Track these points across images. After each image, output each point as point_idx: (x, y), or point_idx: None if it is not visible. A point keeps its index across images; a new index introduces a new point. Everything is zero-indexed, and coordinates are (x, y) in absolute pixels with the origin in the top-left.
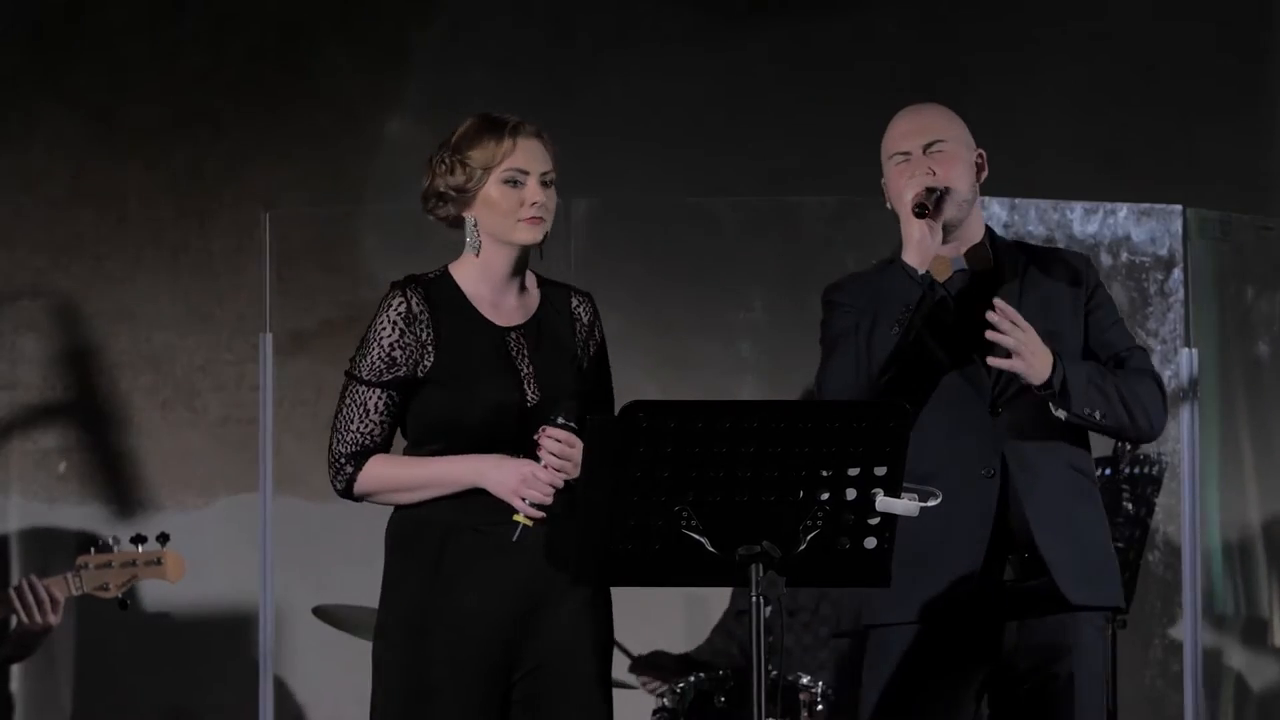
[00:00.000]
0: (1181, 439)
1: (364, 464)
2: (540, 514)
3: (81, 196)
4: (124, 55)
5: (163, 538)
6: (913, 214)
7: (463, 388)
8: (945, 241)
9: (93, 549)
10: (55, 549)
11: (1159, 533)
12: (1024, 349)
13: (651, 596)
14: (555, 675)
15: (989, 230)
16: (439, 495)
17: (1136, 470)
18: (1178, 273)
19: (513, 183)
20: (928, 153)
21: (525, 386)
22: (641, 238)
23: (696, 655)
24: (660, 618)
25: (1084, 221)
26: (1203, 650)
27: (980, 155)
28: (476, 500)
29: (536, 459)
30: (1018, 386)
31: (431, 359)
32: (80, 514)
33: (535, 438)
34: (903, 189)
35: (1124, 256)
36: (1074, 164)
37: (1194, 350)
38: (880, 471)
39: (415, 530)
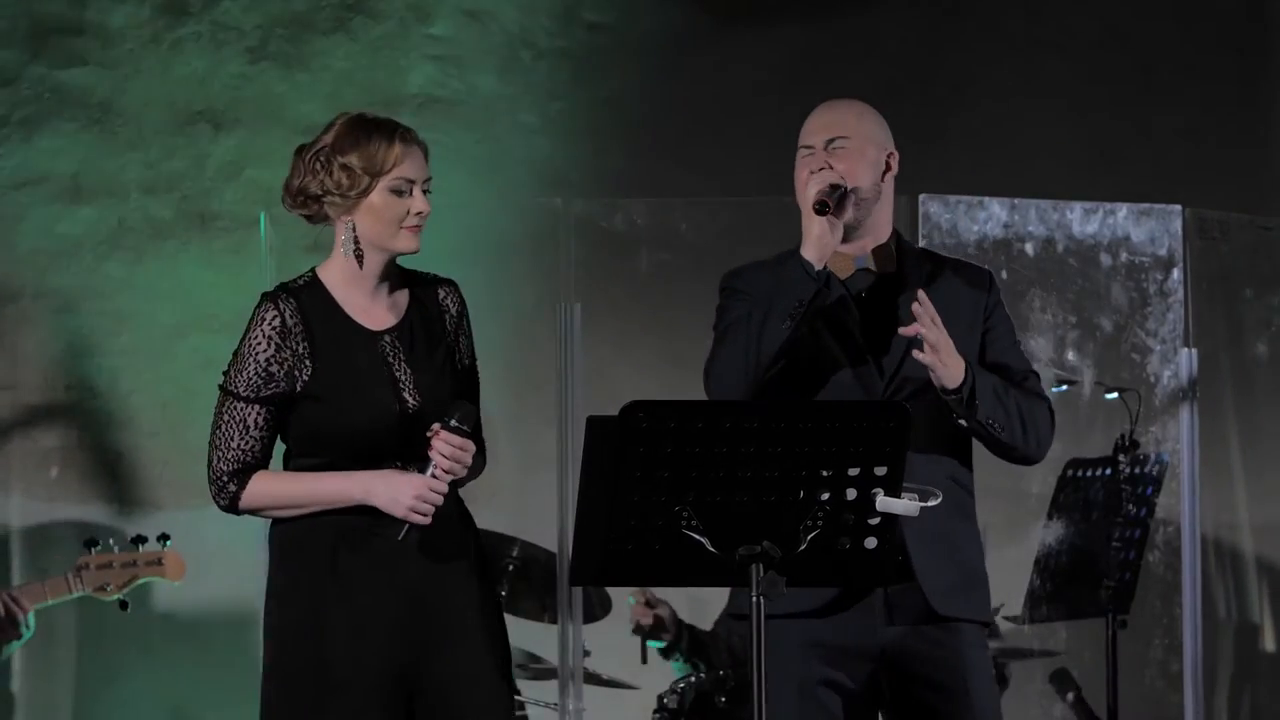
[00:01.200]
0: (1181, 439)
1: (247, 481)
2: (428, 521)
3: (82, 196)
4: (123, 55)
5: (163, 538)
6: (813, 210)
7: (342, 399)
8: (848, 240)
9: (93, 549)
10: (55, 548)
11: (1159, 533)
12: (941, 347)
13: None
14: (455, 667)
15: (896, 233)
16: (326, 509)
17: (1136, 470)
18: (1177, 273)
19: (399, 192)
20: (829, 148)
21: (404, 393)
22: (641, 238)
23: (699, 634)
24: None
25: (1084, 221)
26: (1202, 650)
27: (891, 155)
28: (364, 507)
29: (424, 460)
30: (909, 392)
31: (308, 372)
32: (80, 514)
33: (429, 436)
34: (805, 183)
35: (1123, 256)
36: (1074, 164)
37: (1193, 350)
38: (880, 471)
39: (306, 534)
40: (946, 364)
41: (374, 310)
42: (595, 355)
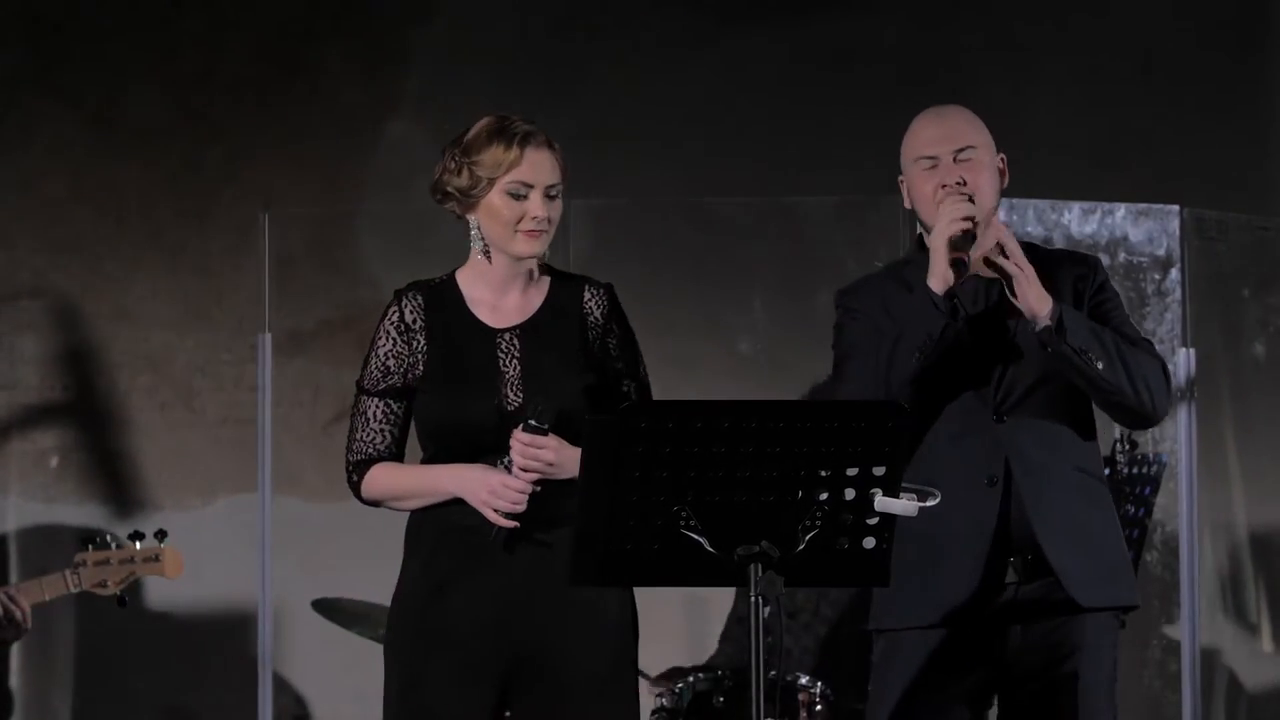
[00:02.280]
0: (1179, 439)
1: (366, 472)
2: (512, 523)
3: (80, 196)
4: (122, 55)
5: (160, 534)
6: (947, 247)
7: (446, 393)
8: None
9: (90, 546)
10: (54, 549)
11: (1157, 533)
12: (1023, 275)
13: (649, 604)
14: (555, 676)
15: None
16: (430, 503)
17: (1135, 470)
18: (1175, 273)
19: (516, 195)
20: (958, 160)
21: (507, 389)
22: (641, 238)
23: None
24: (659, 626)
25: (1081, 221)
26: (1200, 650)
27: (1003, 160)
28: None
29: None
30: (1022, 390)
31: (422, 367)
32: (79, 514)
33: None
34: (932, 199)
35: (1121, 256)
36: (1071, 164)
37: (1191, 350)
38: (879, 471)
39: (415, 531)
40: (1028, 291)
41: (501, 308)
42: None
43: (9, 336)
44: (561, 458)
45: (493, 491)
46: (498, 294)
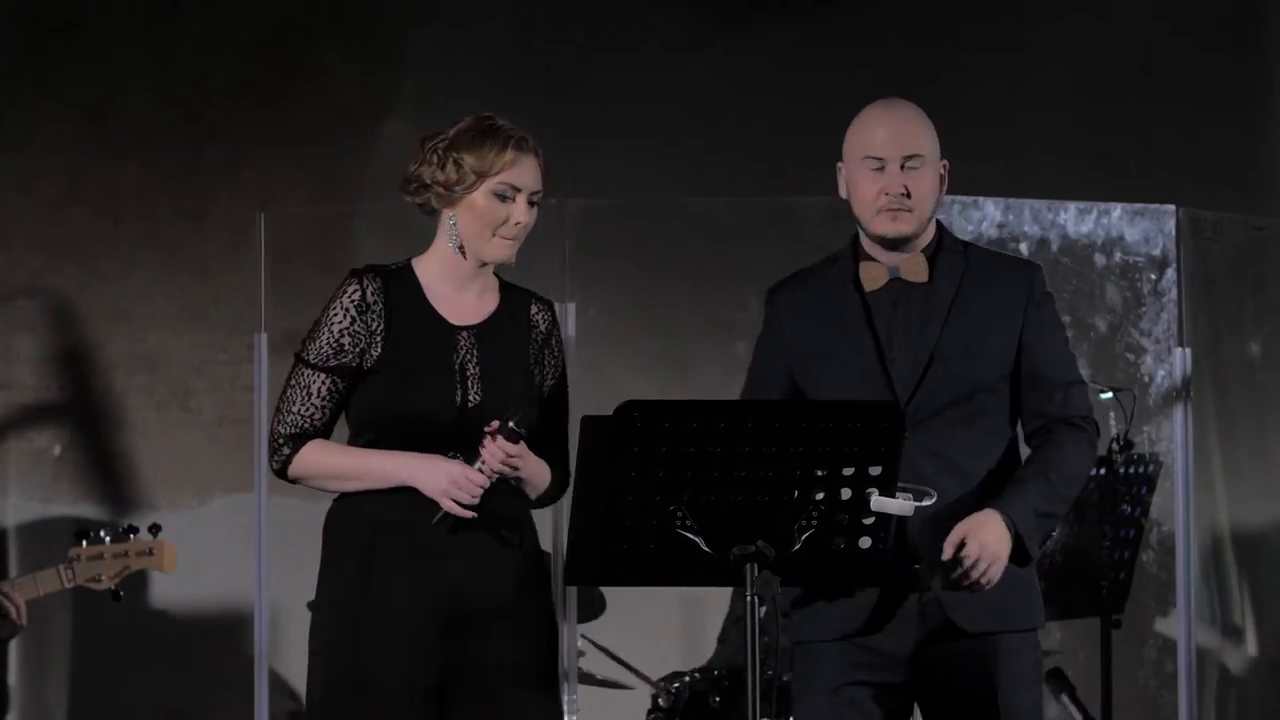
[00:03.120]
0: (1175, 439)
1: (301, 447)
2: (468, 514)
3: (77, 196)
4: (119, 55)
5: (155, 528)
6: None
7: (404, 381)
8: (897, 249)
9: (84, 541)
10: (51, 548)
11: (1153, 533)
12: (992, 571)
13: (646, 603)
14: (490, 667)
15: (939, 232)
16: (371, 487)
17: (1131, 470)
18: (1171, 272)
19: (502, 197)
20: (905, 168)
21: (467, 386)
22: (637, 237)
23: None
24: (658, 627)
25: (1078, 221)
26: (1196, 650)
27: (944, 166)
28: (408, 496)
29: (473, 456)
30: (936, 405)
31: (379, 350)
32: (76, 513)
33: (486, 431)
34: (872, 202)
35: (1117, 256)
36: (1068, 164)
37: (1187, 350)
38: (875, 471)
39: (349, 523)
40: (997, 570)
41: (459, 306)
42: (590, 355)
43: (5, 336)
44: (524, 462)
45: (454, 482)
46: (457, 291)
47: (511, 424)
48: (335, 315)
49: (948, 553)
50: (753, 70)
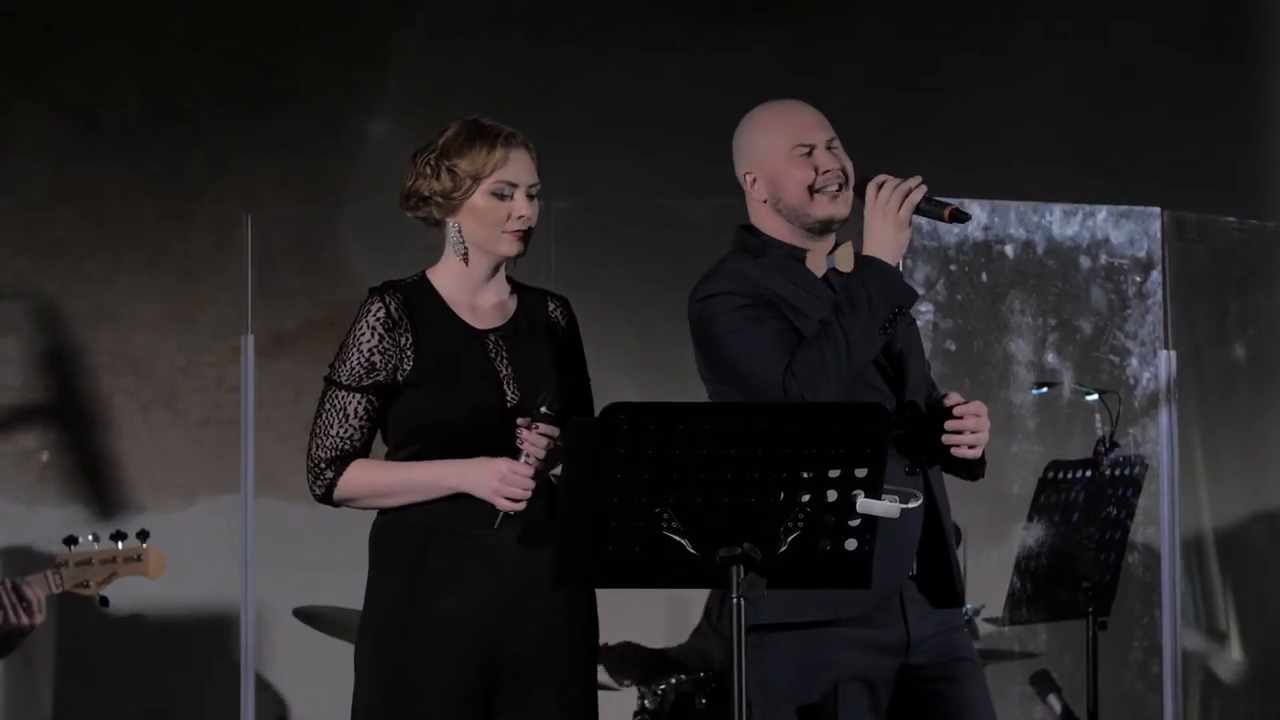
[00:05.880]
0: (1161, 441)
1: (344, 469)
2: (519, 507)
3: (62, 198)
4: (104, 56)
5: (142, 534)
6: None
7: (442, 390)
8: (823, 237)
9: (72, 547)
10: (36, 551)
11: (1138, 535)
12: (981, 438)
13: (630, 597)
14: (537, 675)
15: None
16: (419, 500)
17: (1116, 472)
18: (1156, 274)
19: (501, 195)
20: (830, 149)
21: (505, 387)
22: (621, 240)
23: (675, 654)
24: (641, 615)
25: (1063, 223)
26: (1182, 652)
27: None
28: (458, 504)
29: (515, 455)
30: (915, 376)
31: (411, 363)
32: (61, 515)
33: (519, 424)
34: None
35: (1103, 258)
36: (1053, 166)
37: (1172, 352)
38: (861, 473)
39: (398, 534)
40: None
41: (480, 311)
42: None
43: None
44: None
45: (503, 479)
46: (475, 296)
47: (544, 409)
48: (363, 335)
49: (953, 399)
50: (737, 72)
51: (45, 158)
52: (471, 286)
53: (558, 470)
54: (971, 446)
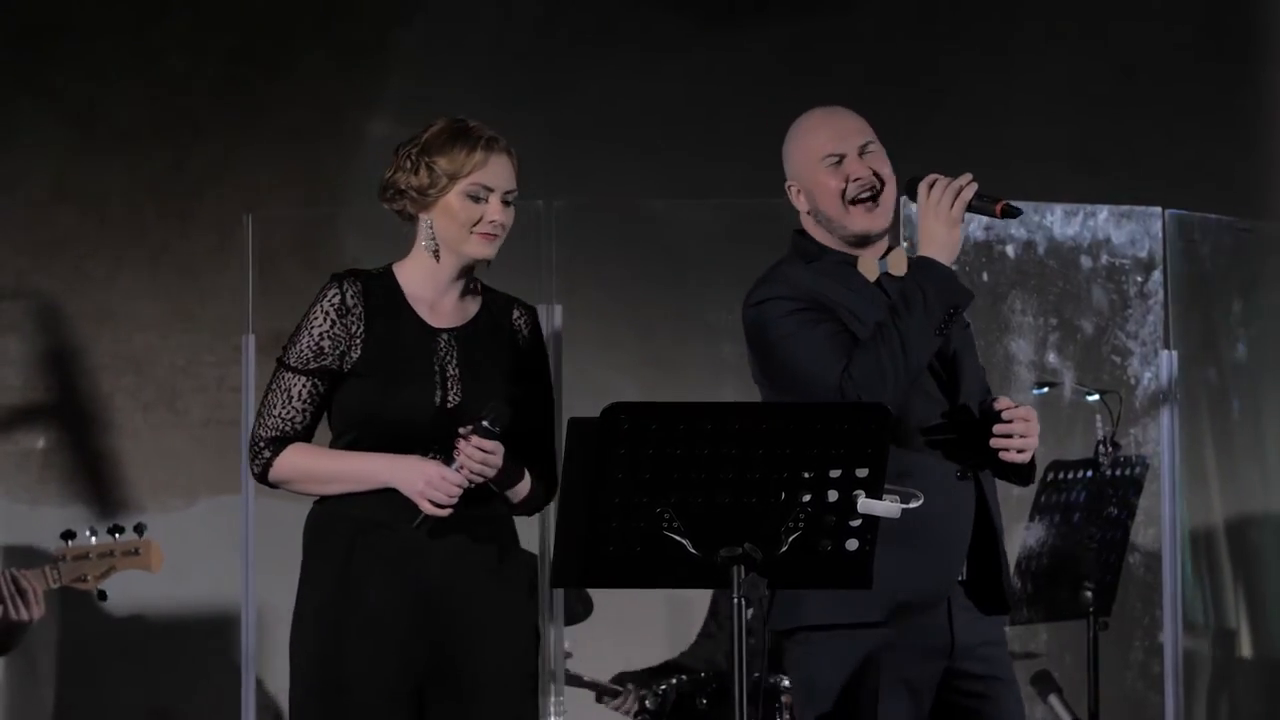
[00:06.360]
0: (1162, 441)
1: (282, 450)
2: (444, 513)
3: (63, 197)
4: (105, 55)
5: (140, 528)
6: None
7: (384, 383)
8: (870, 245)
9: (70, 541)
10: (37, 550)
11: (1139, 535)
12: (1030, 442)
13: (630, 601)
14: (470, 667)
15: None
16: (351, 490)
17: (1118, 473)
18: (1157, 274)
19: (475, 198)
20: (863, 155)
21: (447, 388)
22: (622, 239)
23: (681, 660)
24: (641, 618)
25: (1064, 224)
26: (1183, 652)
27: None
28: (389, 497)
29: (452, 458)
30: (968, 380)
31: (358, 352)
32: (62, 515)
33: (460, 433)
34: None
35: (1104, 259)
36: (1054, 166)
37: (1173, 352)
38: (862, 473)
39: (328, 525)
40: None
41: (440, 309)
42: (576, 357)
43: None
44: (501, 461)
45: (430, 483)
46: (438, 294)
47: (485, 423)
48: (315, 319)
49: (1003, 403)
50: (737, 72)
51: (46, 157)
52: (436, 285)
53: (500, 479)
54: (1020, 451)
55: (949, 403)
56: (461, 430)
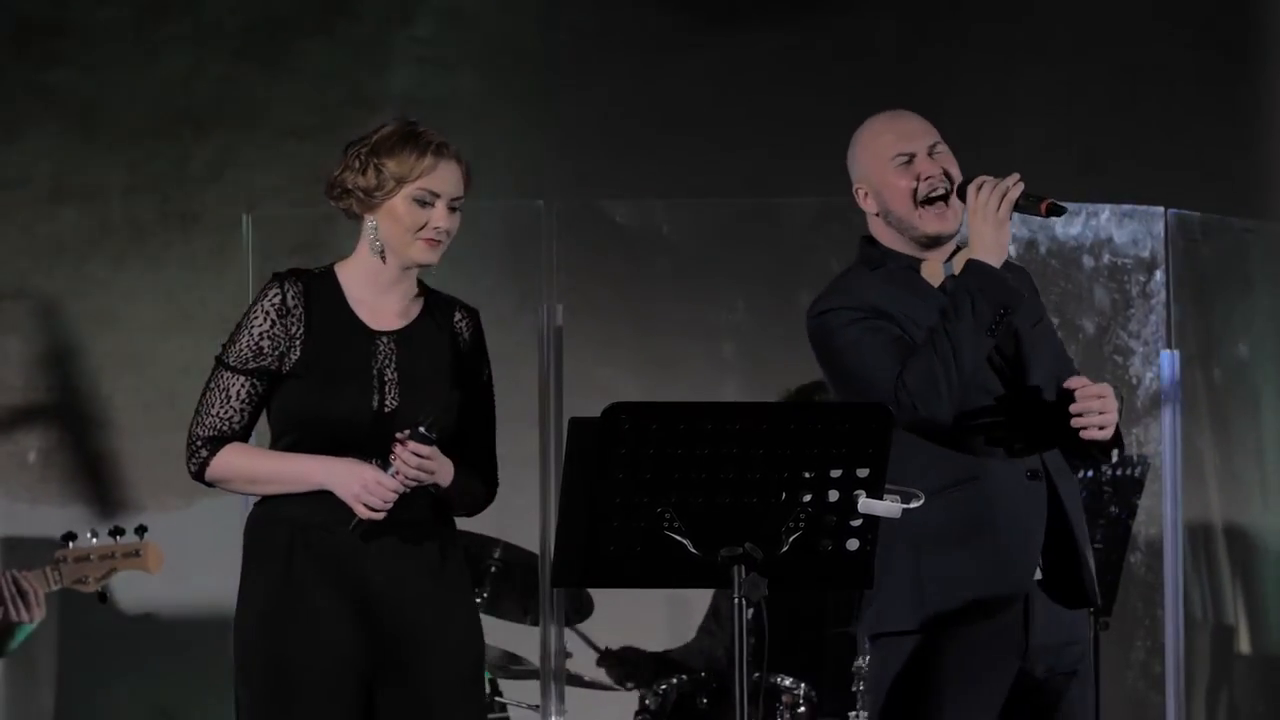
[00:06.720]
0: (1163, 441)
1: (219, 449)
2: (378, 517)
3: (64, 197)
4: (106, 56)
5: (141, 529)
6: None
7: (321, 385)
8: (937, 247)
9: (70, 543)
10: (37, 550)
11: (1140, 534)
12: (1108, 418)
13: (629, 597)
14: (416, 666)
15: None
16: (288, 491)
17: (1119, 472)
18: (1159, 274)
19: (422, 202)
20: (933, 154)
21: (385, 391)
22: (622, 239)
23: (676, 655)
24: (642, 616)
25: (1066, 223)
26: (1184, 652)
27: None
28: (328, 499)
29: (388, 462)
30: (1037, 379)
31: (298, 353)
32: (62, 515)
33: (397, 438)
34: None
35: (1106, 258)
36: (1056, 165)
37: (1175, 352)
38: (863, 473)
39: (267, 528)
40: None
41: (381, 311)
42: (577, 356)
43: None
44: (438, 467)
45: (365, 487)
46: (379, 296)
47: (422, 429)
48: (255, 318)
49: (1075, 382)
50: (741, 71)
51: (47, 157)
52: (378, 286)
53: (440, 483)
54: (1101, 428)
55: (1015, 399)
56: (398, 435)
